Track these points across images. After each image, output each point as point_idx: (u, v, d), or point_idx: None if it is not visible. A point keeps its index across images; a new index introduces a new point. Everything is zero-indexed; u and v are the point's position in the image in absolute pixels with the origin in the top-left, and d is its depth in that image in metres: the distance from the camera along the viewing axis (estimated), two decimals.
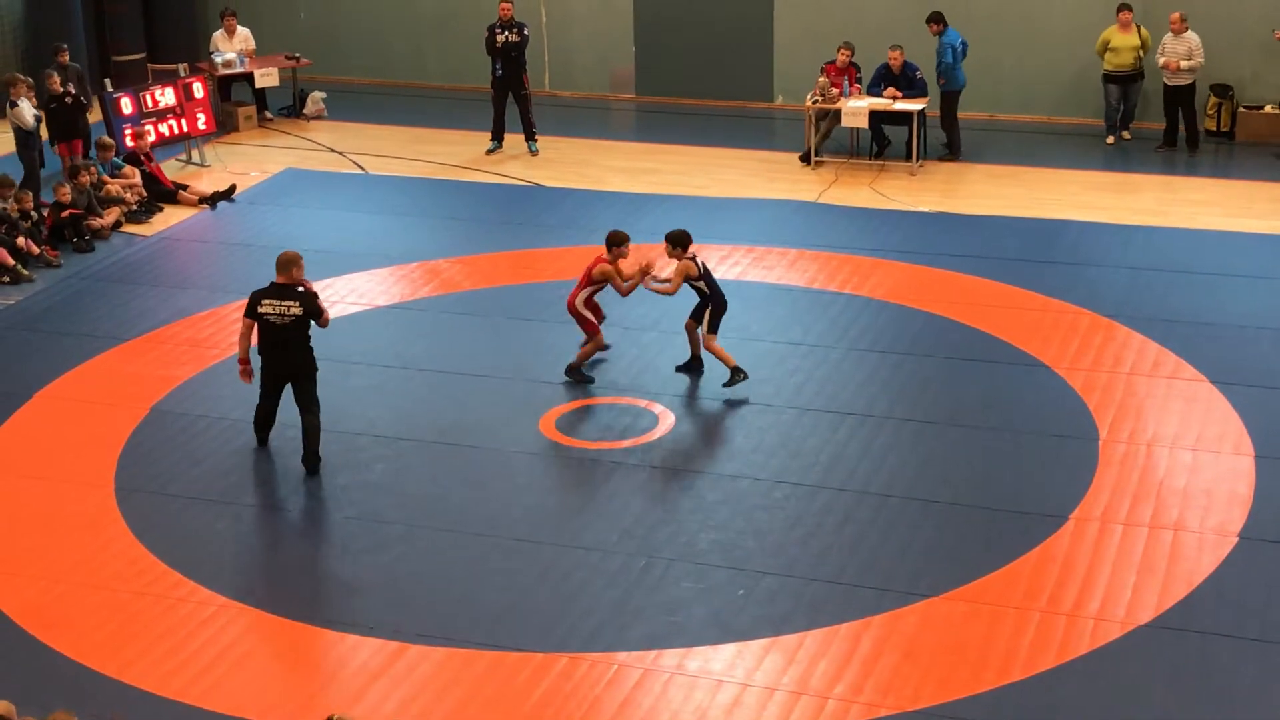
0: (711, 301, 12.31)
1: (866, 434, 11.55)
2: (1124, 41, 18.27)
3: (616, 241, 12.54)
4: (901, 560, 9.85)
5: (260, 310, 11.06)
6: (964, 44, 18.36)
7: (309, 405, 11.17)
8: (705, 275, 12.33)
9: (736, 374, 12.23)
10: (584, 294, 12.55)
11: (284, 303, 11.05)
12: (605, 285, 12.55)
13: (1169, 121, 18.35)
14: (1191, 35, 17.97)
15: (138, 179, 17.32)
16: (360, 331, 13.70)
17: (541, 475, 11.09)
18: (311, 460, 11.14)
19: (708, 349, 12.37)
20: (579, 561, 9.93)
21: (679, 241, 12.22)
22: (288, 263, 11.18)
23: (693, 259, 12.25)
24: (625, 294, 12.62)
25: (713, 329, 12.30)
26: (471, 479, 11.10)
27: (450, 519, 10.52)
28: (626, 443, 11.51)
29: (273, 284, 11.15)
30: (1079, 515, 10.27)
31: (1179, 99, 18.18)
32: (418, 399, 12.41)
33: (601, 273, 12.46)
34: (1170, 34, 18.06)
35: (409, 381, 12.71)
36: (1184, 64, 17.85)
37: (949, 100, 18.38)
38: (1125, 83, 18.48)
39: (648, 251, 13.79)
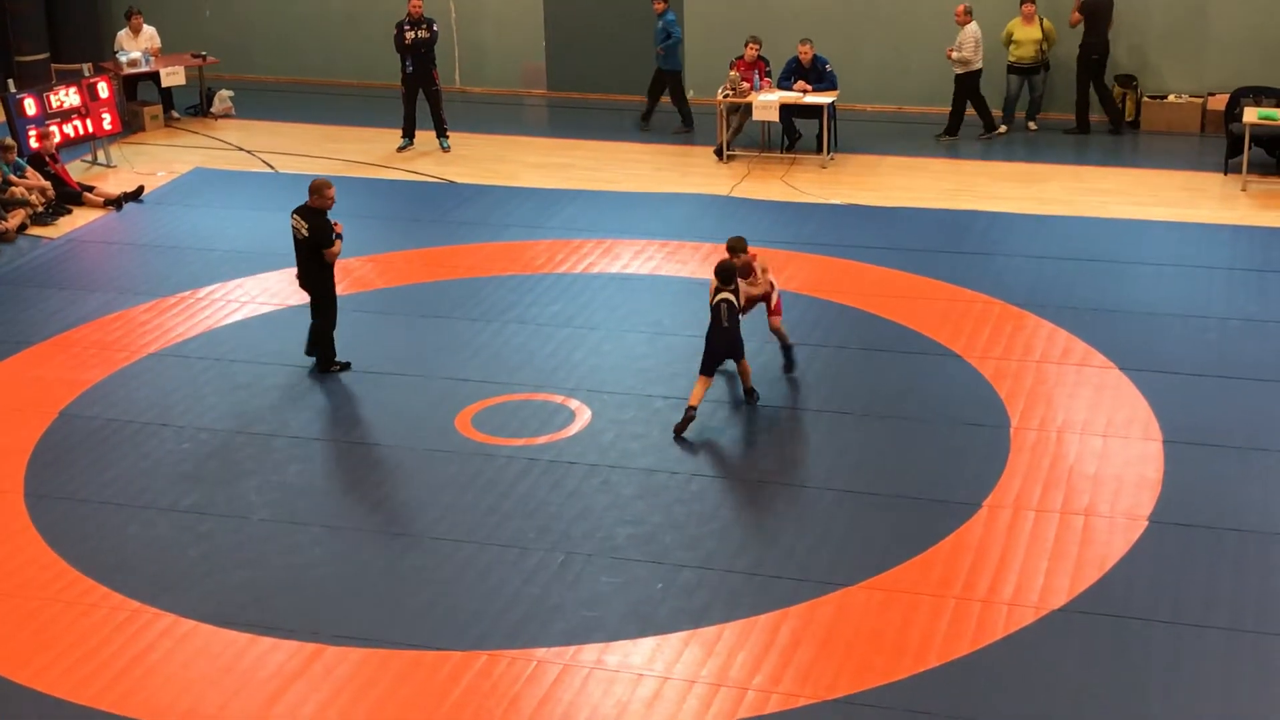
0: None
1: (782, 426, 11.60)
2: (1026, 34, 18.49)
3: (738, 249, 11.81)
4: (818, 550, 9.91)
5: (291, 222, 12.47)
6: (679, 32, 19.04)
7: (315, 314, 12.60)
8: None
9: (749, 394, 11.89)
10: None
11: (302, 221, 12.41)
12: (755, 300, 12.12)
13: (953, 109, 18.63)
14: (971, 28, 18.23)
15: (42, 181, 17.06)
16: (272, 331, 13.58)
17: (458, 473, 11.05)
18: (309, 351, 12.66)
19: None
20: (496, 558, 9.90)
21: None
22: (312, 188, 12.45)
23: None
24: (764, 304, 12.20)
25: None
26: (387, 478, 11.05)
27: (366, 519, 10.46)
28: (543, 439, 11.50)
29: (305, 203, 12.46)
30: (992, 502, 10.37)
31: (963, 85, 18.48)
32: (332, 398, 12.33)
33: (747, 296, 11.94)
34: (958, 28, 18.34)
35: (323, 381, 12.62)
36: (954, 55, 18.22)
37: (672, 79, 19.16)
38: (1027, 74, 18.71)
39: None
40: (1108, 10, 18.70)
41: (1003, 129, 18.99)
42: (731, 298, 11.48)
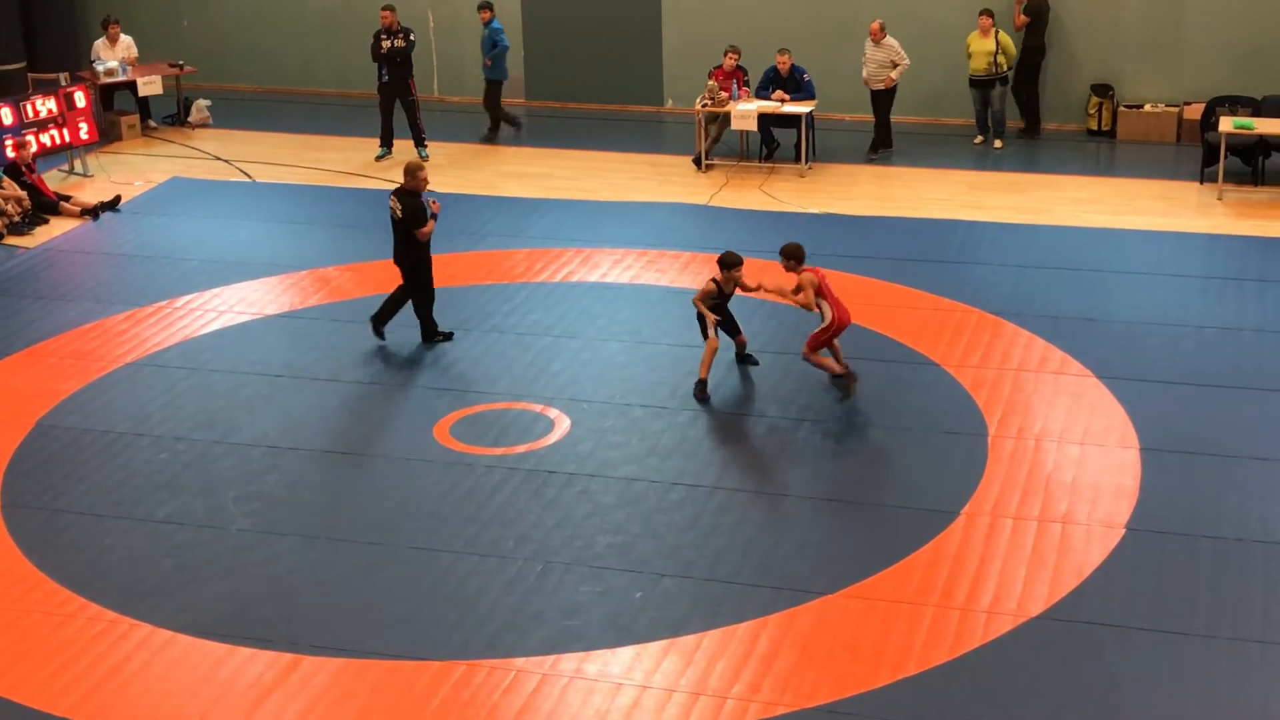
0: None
1: (761, 434, 11.62)
2: (980, 46, 18.49)
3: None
4: (797, 559, 9.91)
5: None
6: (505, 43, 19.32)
7: (402, 289, 13.30)
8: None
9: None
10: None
11: (397, 203, 13.01)
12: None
13: (878, 123, 18.60)
14: (891, 41, 18.25)
15: (18, 191, 17.00)
16: (250, 341, 13.56)
17: (436, 483, 11.03)
18: (375, 320, 13.34)
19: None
20: (475, 568, 9.89)
21: (793, 255, 12.07)
22: (406, 170, 13.02)
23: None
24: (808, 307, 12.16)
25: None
26: (365, 488, 11.03)
27: (345, 529, 10.44)
28: (522, 448, 11.49)
29: (400, 185, 13.08)
30: (970, 510, 10.40)
31: (879, 101, 18.44)
32: (309, 408, 12.30)
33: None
34: (870, 43, 18.31)
35: (300, 391, 12.59)
36: (894, 75, 18.20)
37: (494, 88, 19.45)
38: (983, 87, 18.71)
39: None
40: (1047, 12, 18.90)
41: (978, 139, 19.05)
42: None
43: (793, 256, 12.14)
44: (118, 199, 17.46)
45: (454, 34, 21.59)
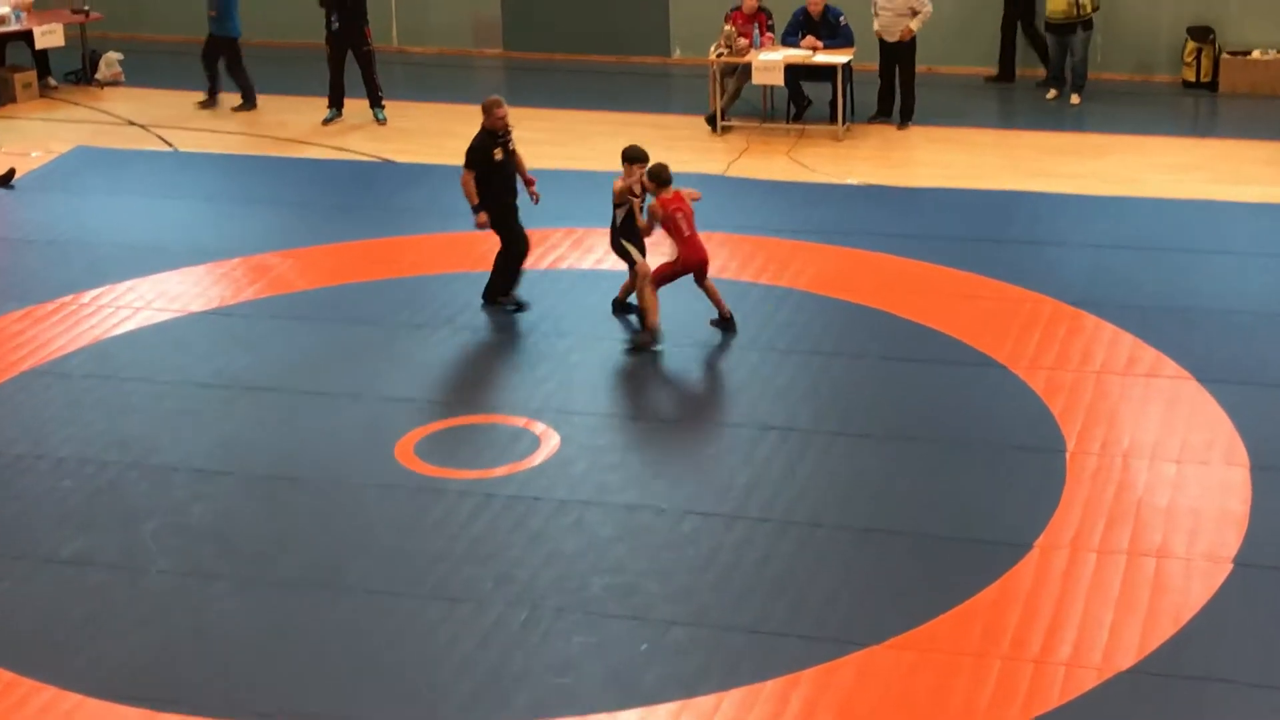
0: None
1: (790, 452, 11.62)
2: None
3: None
4: (835, 602, 9.91)
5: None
6: None
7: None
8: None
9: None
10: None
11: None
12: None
13: (884, 86, 18.66)
14: None
15: None
16: (172, 343, 13.57)
17: (398, 512, 11.04)
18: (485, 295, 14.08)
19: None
20: (446, 615, 9.89)
21: (655, 177, 13.12)
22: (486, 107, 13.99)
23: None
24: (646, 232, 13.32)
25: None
26: (313, 520, 11.03)
27: (287, 569, 10.44)
28: (501, 470, 11.50)
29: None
30: (1044, 543, 10.40)
31: (898, 57, 18.47)
32: (244, 424, 12.31)
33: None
34: None
35: (233, 403, 12.60)
36: (914, 25, 18.22)
37: (227, 47, 19.71)
38: (1062, 33, 18.77)
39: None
40: None
41: (1051, 94, 19.09)
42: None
43: (654, 178, 13.08)
44: (11, 173, 17.48)
45: None
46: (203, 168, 17.85)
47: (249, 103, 19.83)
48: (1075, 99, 18.94)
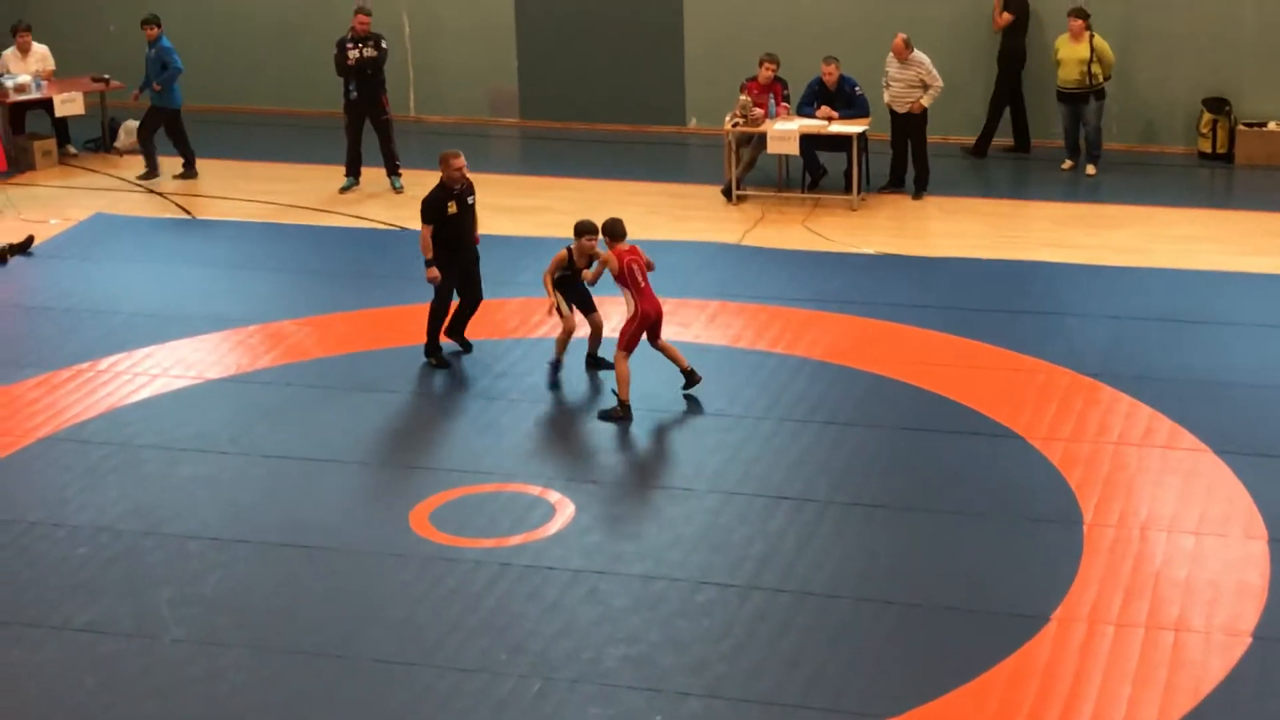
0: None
1: (805, 522, 11.58)
2: (1071, 53, 18.62)
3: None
4: (851, 675, 9.86)
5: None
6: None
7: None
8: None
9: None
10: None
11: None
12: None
13: (896, 157, 18.73)
14: (919, 58, 18.34)
15: None
16: (188, 411, 13.57)
17: (412, 582, 11.00)
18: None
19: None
20: (458, 686, 9.85)
21: (609, 232, 13.34)
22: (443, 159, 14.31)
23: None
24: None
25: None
26: (326, 589, 11.00)
27: (301, 639, 10.40)
28: (516, 539, 11.46)
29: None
30: (1061, 615, 10.34)
31: (909, 129, 18.53)
32: (260, 492, 12.29)
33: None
34: (894, 60, 18.43)
35: (248, 471, 12.59)
36: (925, 100, 18.30)
37: (169, 117, 19.71)
38: (1074, 102, 18.80)
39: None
40: (1027, 11, 19.44)
41: (1066, 164, 19.12)
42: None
43: (609, 233, 13.30)
44: (30, 240, 17.53)
45: (433, 43, 21.75)
46: (220, 235, 17.90)
47: (190, 170, 19.87)
48: (1091, 169, 18.96)
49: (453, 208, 14.12)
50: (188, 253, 17.34)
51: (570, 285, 13.83)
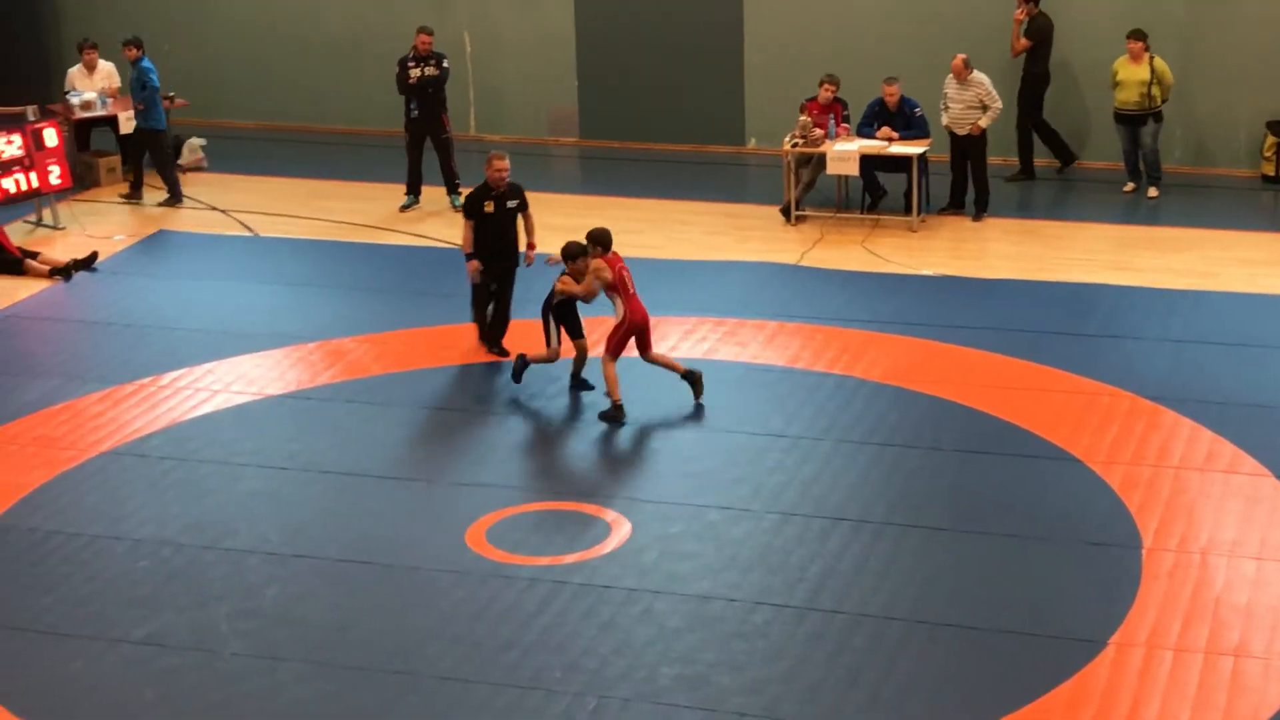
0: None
1: (863, 544, 11.55)
2: (1131, 74, 18.53)
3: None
4: (908, 697, 9.83)
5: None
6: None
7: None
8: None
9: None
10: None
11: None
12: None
13: (956, 178, 18.66)
14: (980, 78, 18.28)
15: None
16: (249, 426, 13.65)
17: (469, 598, 11.03)
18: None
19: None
20: (515, 703, 9.86)
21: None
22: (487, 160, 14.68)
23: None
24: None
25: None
26: (384, 605, 11.03)
27: (358, 654, 10.44)
28: (572, 558, 11.48)
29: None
30: (1120, 640, 10.28)
31: (969, 150, 18.46)
32: (319, 508, 12.35)
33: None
34: (953, 81, 18.36)
35: (308, 487, 12.65)
36: (984, 122, 18.22)
37: (153, 140, 19.62)
38: (1133, 123, 18.72)
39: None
40: (1051, 34, 19.31)
41: (1128, 187, 19.05)
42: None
43: (599, 242, 13.53)
44: (94, 256, 17.67)
45: (495, 61, 21.82)
46: (282, 252, 18.01)
47: (174, 199, 19.75)
48: (1153, 192, 18.87)
49: (489, 207, 14.48)
50: (249, 270, 17.45)
51: (569, 307, 13.93)
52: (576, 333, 14.06)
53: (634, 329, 13.56)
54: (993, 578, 11.13)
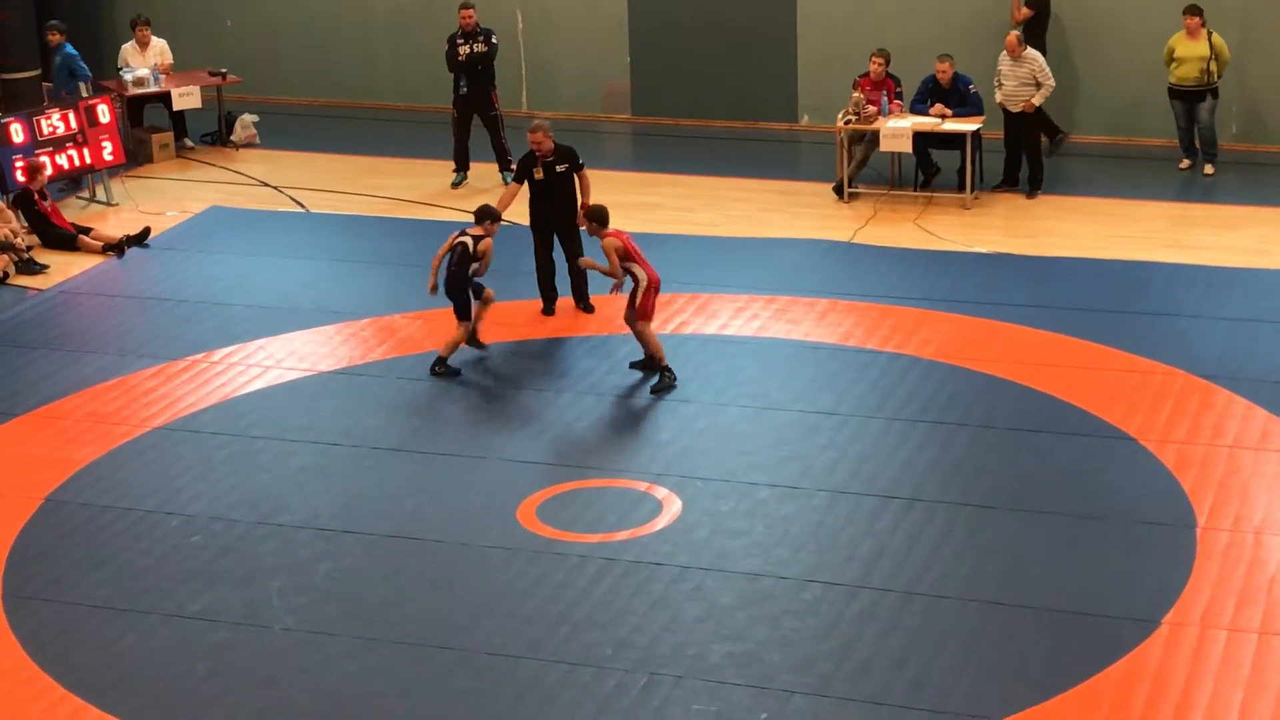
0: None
1: (914, 522, 11.54)
2: (1189, 51, 18.39)
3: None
4: (958, 676, 9.82)
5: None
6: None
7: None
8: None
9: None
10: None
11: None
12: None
13: (1010, 155, 18.53)
14: (1033, 55, 18.17)
15: (14, 223, 17.29)
16: (300, 402, 13.71)
17: (520, 575, 11.06)
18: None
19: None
20: (565, 679, 9.89)
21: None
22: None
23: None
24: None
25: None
26: (435, 581, 11.08)
27: (409, 630, 10.49)
28: (623, 535, 11.50)
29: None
30: (1173, 619, 10.24)
31: (1022, 128, 18.36)
32: (370, 484, 12.40)
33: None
34: (1007, 58, 18.23)
35: (359, 463, 12.71)
36: (1036, 100, 18.14)
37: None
38: (1190, 100, 18.59)
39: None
40: (1049, 7, 19.37)
41: (1184, 164, 18.93)
42: (468, 241, 14.05)
43: (599, 219, 13.80)
44: (146, 232, 17.76)
45: (546, 38, 21.82)
46: (333, 229, 18.07)
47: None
48: (1209, 169, 18.75)
49: (539, 173, 15.19)
50: (301, 246, 17.51)
51: (465, 285, 14.15)
52: (464, 315, 14.18)
53: (656, 286, 13.70)
54: (1045, 557, 11.11)
